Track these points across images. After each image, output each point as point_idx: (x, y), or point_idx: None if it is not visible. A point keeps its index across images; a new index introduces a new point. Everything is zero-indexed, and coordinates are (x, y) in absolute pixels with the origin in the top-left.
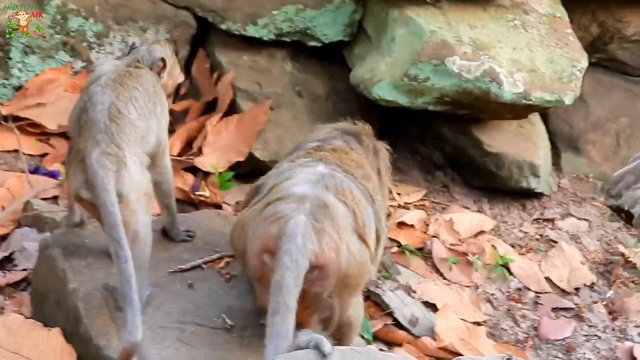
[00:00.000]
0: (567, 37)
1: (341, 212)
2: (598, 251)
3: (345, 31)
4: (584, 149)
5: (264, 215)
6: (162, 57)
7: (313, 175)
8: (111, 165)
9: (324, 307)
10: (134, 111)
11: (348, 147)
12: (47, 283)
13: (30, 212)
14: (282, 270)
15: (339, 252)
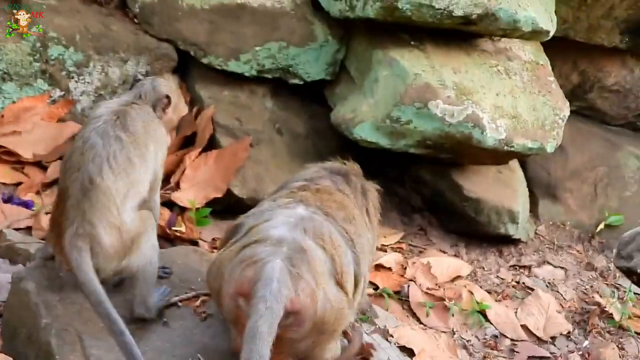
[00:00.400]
0: (550, 84)
1: (319, 257)
2: (574, 300)
3: (327, 70)
4: (561, 197)
5: (241, 258)
6: (167, 95)
7: (292, 217)
8: (84, 244)
9: (299, 352)
10: (110, 175)
11: (335, 187)
12: (20, 317)
13: (2, 242)
14: (256, 317)
15: (314, 298)
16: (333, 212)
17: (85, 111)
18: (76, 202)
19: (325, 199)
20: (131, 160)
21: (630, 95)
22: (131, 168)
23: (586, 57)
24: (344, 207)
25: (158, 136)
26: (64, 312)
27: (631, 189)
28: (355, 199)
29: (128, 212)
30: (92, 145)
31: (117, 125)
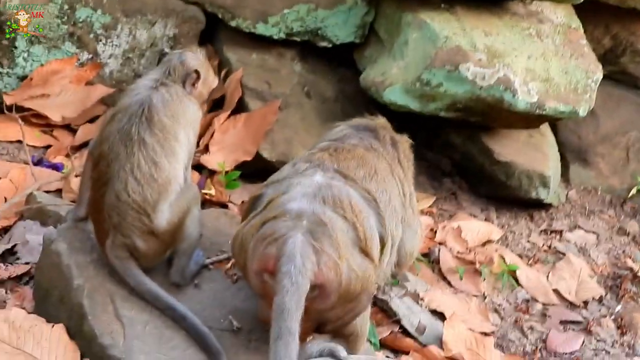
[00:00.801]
0: (582, 48)
1: (340, 228)
2: (606, 265)
3: (356, 33)
4: (592, 162)
5: (262, 234)
6: (196, 69)
7: (309, 187)
8: (123, 253)
9: (327, 321)
10: (136, 187)
11: (362, 144)
12: (51, 278)
13: (33, 204)
14: (283, 293)
15: (338, 270)
16: (352, 173)
17: (113, 74)
18: (108, 216)
19: (342, 158)
20: (158, 164)
21: None
22: (159, 171)
23: (619, 21)
24: (364, 164)
25: (188, 118)
26: (96, 274)
27: None
28: (385, 151)
29: (163, 213)
30: (117, 156)
31: (142, 123)
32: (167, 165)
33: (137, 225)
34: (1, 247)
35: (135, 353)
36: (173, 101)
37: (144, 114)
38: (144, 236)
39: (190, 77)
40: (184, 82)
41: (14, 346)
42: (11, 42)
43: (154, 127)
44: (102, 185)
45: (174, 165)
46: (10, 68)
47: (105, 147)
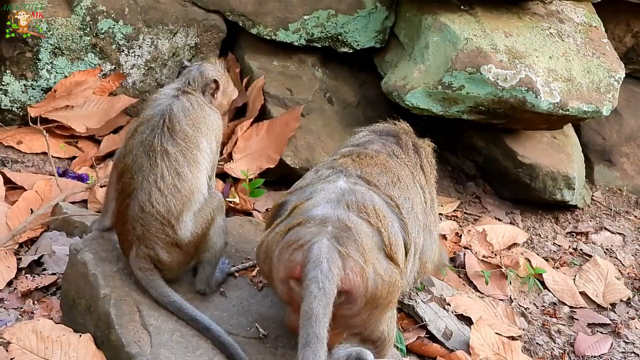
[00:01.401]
0: (604, 46)
1: (365, 233)
2: (633, 266)
3: (376, 37)
4: (617, 162)
5: (287, 241)
6: (215, 79)
7: (333, 193)
8: (146, 265)
9: (354, 326)
10: (160, 198)
11: (384, 150)
12: (78, 288)
13: (59, 215)
14: (310, 299)
15: (364, 275)
16: (375, 179)
17: (136, 84)
18: (132, 228)
19: (365, 164)
20: (181, 174)
21: None
22: (182, 182)
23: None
24: (387, 170)
25: (209, 125)
26: (122, 283)
27: None
28: (407, 157)
29: (186, 223)
30: (140, 167)
31: (164, 134)
32: (190, 175)
33: (161, 236)
34: (28, 258)
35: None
36: (194, 109)
37: (166, 124)
38: (167, 247)
39: (210, 86)
40: (203, 91)
41: (42, 356)
42: (35, 55)
43: (175, 136)
44: (126, 197)
45: (197, 174)
46: (34, 80)
47: (129, 160)
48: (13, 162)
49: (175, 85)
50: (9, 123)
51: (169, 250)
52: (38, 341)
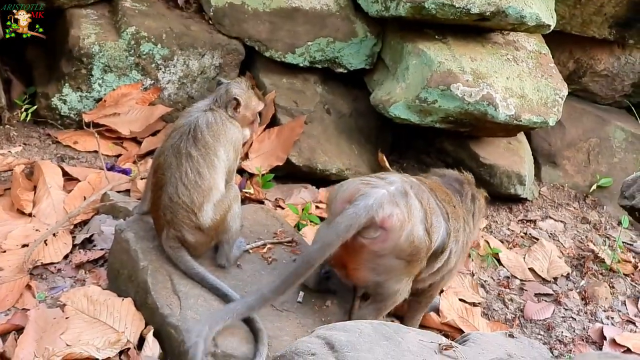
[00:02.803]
0: (551, 70)
1: (415, 205)
2: (572, 247)
3: (366, 60)
4: (560, 164)
5: (360, 180)
6: (235, 97)
7: (403, 179)
8: (175, 244)
9: (374, 269)
10: (184, 191)
11: (450, 190)
12: (121, 261)
13: (107, 202)
14: (341, 217)
15: (403, 225)
16: (439, 195)
17: (171, 96)
18: (163, 214)
19: (430, 184)
20: (201, 174)
21: (617, 79)
22: (202, 180)
23: (580, 47)
24: (448, 198)
25: (228, 138)
26: (157, 257)
27: (618, 156)
28: (464, 205)
29: (207, 212)
30: (169, 165)
31: (189, 140)
32: (208, 175)
33: (186, 222)
34: (81, 236)
35: (188, 321)
36: (216, 123)
37: (191, 132)
38: (192, 230)
39: (231, 103)
40: (226, 107)
41: (92, 316)
42: (89, 71)
43: (198, 143)
44: (158, 189)
45: (214, 175)
46: (88, 92)
47: (162, 159)
48: (70, 159)
49: (206, 101)
50: (67, 127)
51: (193, 233)
52: (88, 304)
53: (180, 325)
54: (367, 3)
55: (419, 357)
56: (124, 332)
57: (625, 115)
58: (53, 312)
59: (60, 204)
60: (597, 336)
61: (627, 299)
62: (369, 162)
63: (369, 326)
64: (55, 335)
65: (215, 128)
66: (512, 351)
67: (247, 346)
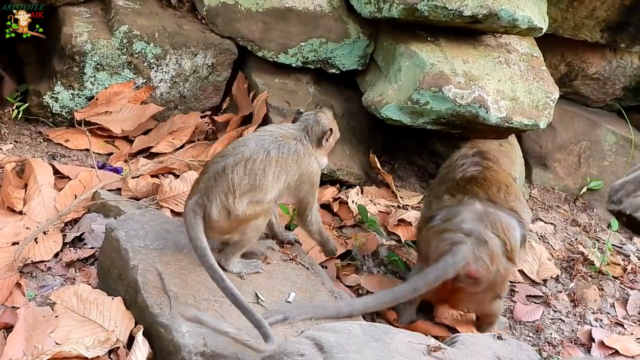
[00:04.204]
0: (542, 73)
1: (495, 244)
2: (562, 250)
3: (359, 61)
4: (551, 166)
5: (443, 238)
6: (331, 128)
7: (474, 213)
8: (199, 211)
9: (472, 301)
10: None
11: (481, 167)
12: (112, 260)
13: (98, 200)
14: (433, 268)
15: (489, 270)
16: (496, 197)
17: (163, 95)
18: (207, 179)
19: (487, 187)
20: (266, 172)
21: (608, 82)
22: (263, 177)
23: (572, 51)
24: (498, 186)
25: (305, 172)
26: (148, 256)
27: (608, 159)
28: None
29: (243, 203)
30: (245, 144)
31: (274, 144)
32: (270, 178)
33: (222, 198)
34: (72, 234)
35: (178, 320)
36: (302, 156)
37: (279, 140)
38: (221, 208)
39: (326, 135)
40: (320, 139)
41: (82, 315)
42: (81, 69)
43: (280, 151)
44: (219, 156)
45: (274, 184)
46: (80, 90)
47: (242, 137)
48: (61, 157)
49: (295, 130)
50: (58, 125)
51: (219, 211)
52: (78, 302)
53: (170, 325)
54: (360, 4)
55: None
56: (113, 331)
57: (616, 119)
58: (43, 310)
59: (51, 202)
60: (586, 338)
61: (616, 302)
62: (360, 162)
63: (358, 327)
64: (45, 334)
65: (297, 158)
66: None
67: (236, 346)
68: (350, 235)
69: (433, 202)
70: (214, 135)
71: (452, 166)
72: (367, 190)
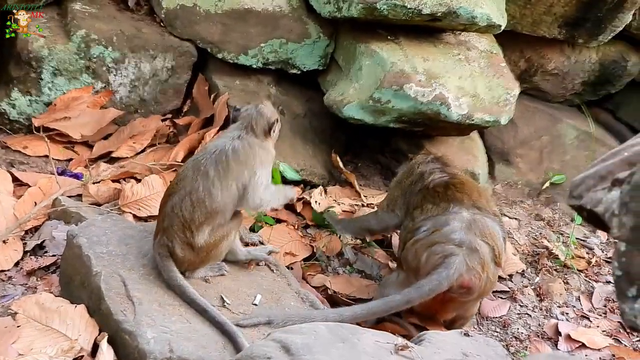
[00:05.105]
0: (502, 69)
1: (485, 252)
2: (527, 244)
3: (320, 61)
4: (513, 161)
5: (434, 251)
6: (277, 118)
7: (463, 222)
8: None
9: (461, 308)
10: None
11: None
12: (74, 267)
13: (58, 207)
14: (426, 281)
15: (480, 278)
16: (479, 203)
17: (123, 100)
18: (162, 220)
19: (468, 193)
20: (212, 194)
21: (568, 78)
22: (211, 201)
23: (531, 47)
24: (474, 189)
25: (257, 158)
26: (110, 262)
27: (570, 154)
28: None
29: (204, 233)
30: (184, 177)
31: (211, 159)
32: (219, 198)
33: (180, 235)
34: (32, 242)
35: (143, 326)
36: (244, 150)
37: (215, 153)
38: (182, 245)
39: (274, 126)
40: (269, 130)
41: (44, 324)
42: (38, 75)
43: (219, 165)
44: (167, 196)
45: (226, 200)
46: (37, 96)
47: (181, 170)
48: (20, 164)
49: (236, 130)
50: (16, 131)
51: (183, 247)
52: (40, 311)
53: (134, 331)
54: (319, 4)
55: (375, 358)
56: (77, 339)
57: (576, 114)
58: (4, 320)
59: (10, 210)
60: (553, 332)
61: (582, 295)
62: (323, 162)
63: (325, 328)
64: (7, 344)
65: (242, 153)
66: (467, 350)
67: (203, 350)
68: (315, 236)
69: (414, 213)
70: (175, 138)
71: (414, 174)
72: (331, 190)
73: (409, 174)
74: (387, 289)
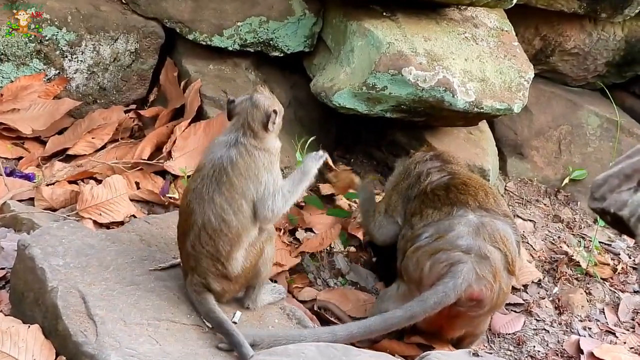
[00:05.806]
0: (515, 49)
1: (497, 259)
2: (543, 250)
3: (305, 42)
4: (528, 155)
5: (438, 259)
6: (274, 109)
7: (470, 226)
8: (200, 288)
9: (471, 324)
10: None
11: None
12: (26, 281)
13: (7, 213)
14: (431, 293)
15: (493, 289)
16: (487, 204)
17: (79, 88)
18: (187, 260)
19: (473, 193)
20: (226, 221)
21: (589, 58)
22: (228, 227)
23: (547, 23)
24: (482, 188)
25: (259, 165)
26: (68, 276)
27: (592, 145)
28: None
29: (237, 261)
30: (192, 211)
31: (212, 184)
32: (235, 221)
33: (212, 270)
34: None
35: (106, 349)
36: (242, 159)
37: (215, 174)
38: (218, 279)
39: (271, 118)
40: (265, 125)
41: None
42: None
43: (222, 187)
44: (182, 234)
45: (242, 220)
46: None
47: (185, 202)
48: None
49: (230, 133)
50: None
51: (219, 281)
52: None
53: (96, 355)
54: None
55: None
56: None
57: (599, 99)
58: None
59: None
60: (574, 350)
61: (606, 307)
62: None
63: (315, 349)
64: None
65: (242, 166)
66: None
67: None
68: (302, 240)
69: (413, 220)
70: (140, 132)
71: (411, 176)
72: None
73: (405, 176)
74: (386, 303)
